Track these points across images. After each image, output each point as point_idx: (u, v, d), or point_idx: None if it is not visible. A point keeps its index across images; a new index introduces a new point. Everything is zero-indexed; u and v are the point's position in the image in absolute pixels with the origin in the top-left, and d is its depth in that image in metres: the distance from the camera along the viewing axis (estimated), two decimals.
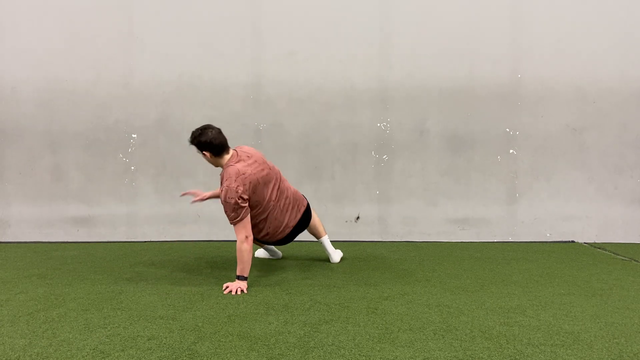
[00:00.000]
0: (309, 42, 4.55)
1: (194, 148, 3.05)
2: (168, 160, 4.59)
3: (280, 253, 3.78)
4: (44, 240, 4.54)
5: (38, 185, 4.58)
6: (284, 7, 4.56)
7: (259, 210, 3.13)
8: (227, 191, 2.89)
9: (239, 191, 2.90)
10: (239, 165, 2.98)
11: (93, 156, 4.58)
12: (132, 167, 4.59)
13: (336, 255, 3.64)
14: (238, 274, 2.91)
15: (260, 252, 3.79)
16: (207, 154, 2.99)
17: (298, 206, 3.36)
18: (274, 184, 3.18)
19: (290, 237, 3.37)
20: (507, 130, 4.58)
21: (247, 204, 2.96)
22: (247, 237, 2.92)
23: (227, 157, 3.03)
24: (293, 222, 3.32)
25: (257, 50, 4.56)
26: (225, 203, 2.91)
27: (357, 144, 4.60)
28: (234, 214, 2.91)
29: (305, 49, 4.55)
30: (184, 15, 4.54)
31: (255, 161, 3.08)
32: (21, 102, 4.54)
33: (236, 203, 2.89)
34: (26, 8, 4.52)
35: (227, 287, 2.88)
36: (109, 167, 4.58)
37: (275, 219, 3.22)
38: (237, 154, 3.05)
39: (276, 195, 3.19)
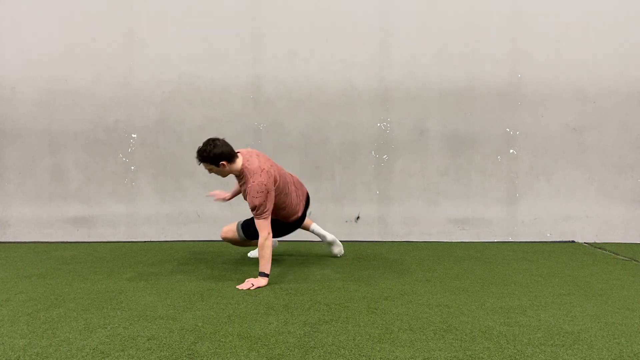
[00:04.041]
0: (309, 42, 4.55)
1: (202, 165, 3.07)
2: (168, 160, 4.59)
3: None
4: (43, 240, 4.54)
5: (38, 185, 4.57)
6: (284, 7, 4.56)
7: (282, 194, 3.25)
8: (257, 186, 2.97)
9: (268, 185, 3.00)
10: (256, 163, 3.06)
11: (93, 156, 4.58)
12: (132, 167, 4.59)
13: (331, 236, 3.76)
14: (261, 270, 2.99)
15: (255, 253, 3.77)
16: (224, 163, 3.01)
17: (302, 192, 3.53)
18: (285, 172, 3.36)
19: (298, 222, 3.48)
20: (507, 130, 4.58)
21: (273, 199, 3.06)
22: (269, 233, 3.01)
23: (238, 160, 3.08)
24: (302, 206, 3.47)
25: (257, 50, 4.56)
26: (254, 198, 2.98)
27: (357, 144, 4.60)
28: (262, 208, 3.00)
29: (305, 49, 4.55)
30: (184, 15, 4.54)
31: (262, 156, 3.18)
32: (21, 102, 4.54)
33: (265, 196, 2.99)
34: (26, 8, 4.52)
35: (249, 283, 2.94)
36: (109, 167, 4.58)
37: (291, 202, 3.35)
38: (245, 155, 3.12)
39: (291, 181, 3.38)
